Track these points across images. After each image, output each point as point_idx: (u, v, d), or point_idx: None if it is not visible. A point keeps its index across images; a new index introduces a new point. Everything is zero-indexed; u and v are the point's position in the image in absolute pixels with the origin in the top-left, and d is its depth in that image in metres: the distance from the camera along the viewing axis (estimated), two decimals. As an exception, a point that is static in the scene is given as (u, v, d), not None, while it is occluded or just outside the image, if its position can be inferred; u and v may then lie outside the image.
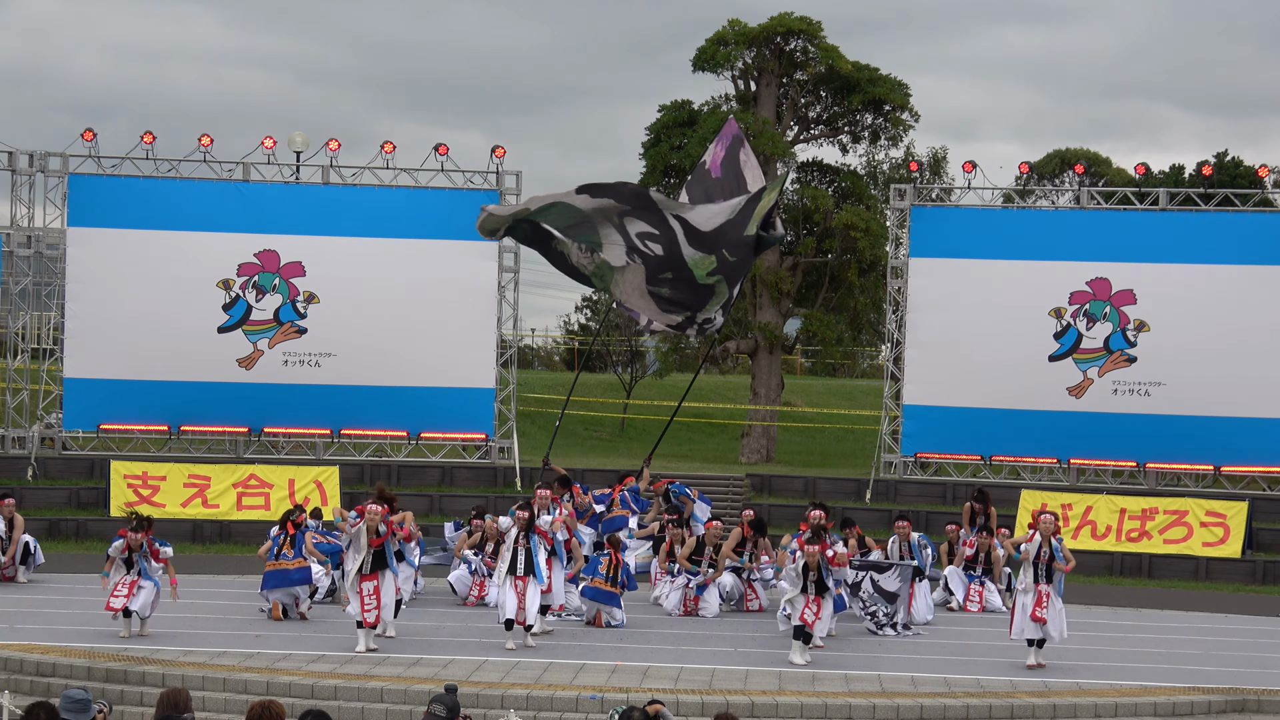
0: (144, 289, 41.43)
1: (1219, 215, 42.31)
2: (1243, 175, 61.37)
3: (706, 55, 50.12)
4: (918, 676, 24.83)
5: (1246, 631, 31.41)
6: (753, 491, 43.12)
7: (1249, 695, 24.30)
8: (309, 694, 22.52)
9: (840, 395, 64.41)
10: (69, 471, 41.45)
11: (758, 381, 51.13)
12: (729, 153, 34.11)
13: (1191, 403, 41.27)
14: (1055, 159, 72.36)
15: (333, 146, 42.37)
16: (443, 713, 14.29)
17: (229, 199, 42.08)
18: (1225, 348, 41.40)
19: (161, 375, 41.45)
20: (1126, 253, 42.11)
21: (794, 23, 49.60)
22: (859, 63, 50.35)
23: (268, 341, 42.04)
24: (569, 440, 50.63)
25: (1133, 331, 42.07)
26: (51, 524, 38.24)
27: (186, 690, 14.81)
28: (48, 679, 23.52)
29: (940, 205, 44.51)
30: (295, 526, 29.27)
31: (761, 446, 50.32)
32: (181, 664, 23.95)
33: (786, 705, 22.57)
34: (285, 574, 28.77)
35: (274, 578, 28.77)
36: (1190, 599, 35.70)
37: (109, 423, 41.70)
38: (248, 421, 41.93)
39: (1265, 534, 40.06)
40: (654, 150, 50.30)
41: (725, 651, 26.65)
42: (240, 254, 41.98)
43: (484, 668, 24.38)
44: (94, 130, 41.46)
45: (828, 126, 52.23)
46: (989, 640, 28.69)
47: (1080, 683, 24.84)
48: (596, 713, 21.73)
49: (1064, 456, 42.17)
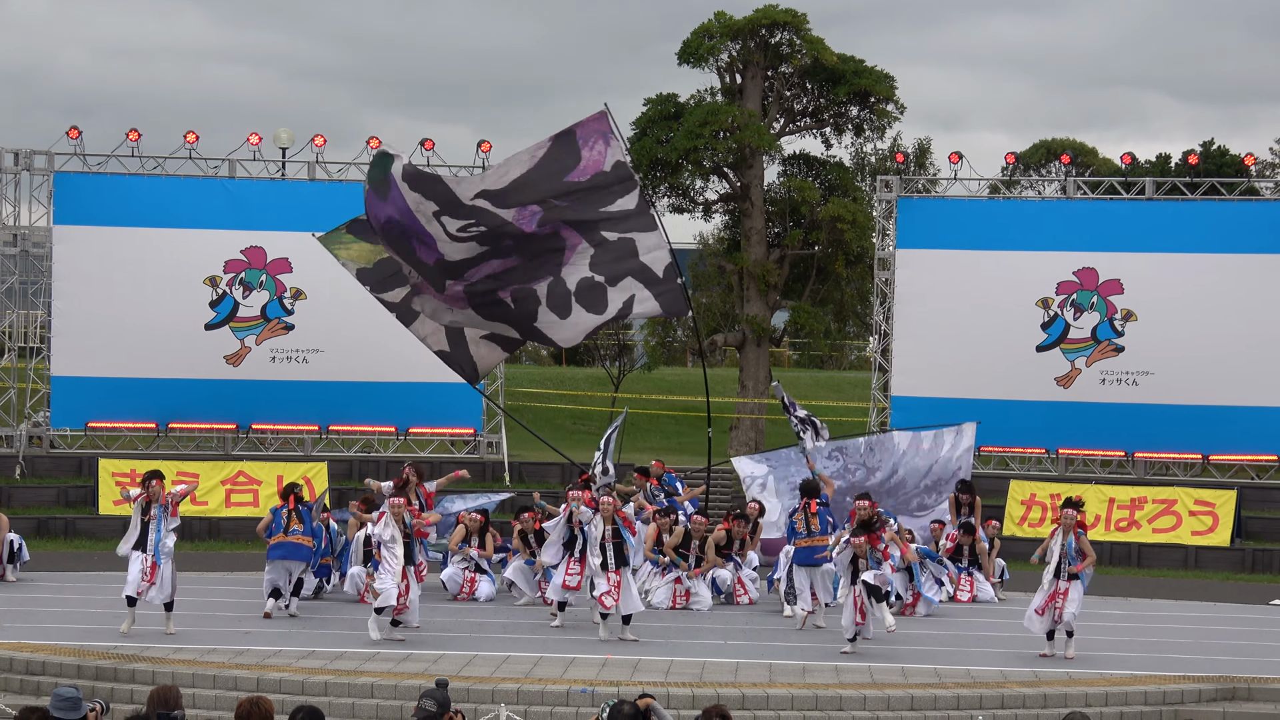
0: (131, 287, 41.37)
1: (1205, 204, 42.36)
2: (1229, 164, 61.36)
3: (692, 48, 50.10)
4: (908, 667, 24.83)
5: (1236, 620, 31.44)
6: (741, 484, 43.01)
7: (1238, 683, 24.33)
8: (299, 690, 22.50)
9: (828, 387, 64.36)
10: (57, 470, 41.41)
11: (745, 374, 51.14)
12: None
13: (1179, 392, 41.32)
14: (1041, 149, 72.38)
15: (318, 142, 42.34)
16: (433, 708, 14.28)
17: (215, 196, 42.02)
18: (1212, 337, 41.45)
19: (149, 373, 41.39)
20: (1113, 242, 42.14)
21: (779, 15, 49.60)
22: (844, 54, 50.34)
23: (255, 338, 41.99)
24: (558, 434, 50.60)
25: (1120, 321, 42.11)
26: (40, 522, 38.20)
27: (177, 688, 14.80)
28: (37, 677, 23.47)
29: (927, 196, 44.55)
30: (299, 501, 29.17)
31: (750, 439, 50.31)
32: (171, 661, 23.93)
33: (777, 697, 22.58)
34: (296, 546, 28.73)
35: (281, 548, 28.70)
36: (1179, 588, 35.75)
37: (97, 421, 41.66)
38: (236, 418, 41.89)
39: (1254, 522, 40.12)
40: (640, 144, 50.28)
41: (715, 644, 26.66)
42: (227, 251, 41.92)
43: (474, 662, 24.37)
44: (79, 128, 41.47)
45: (813, 119, 52.23)
46: (979, 630, 28.72)
47: (1070, 672, 24.86)
48: (587, 707, 21.73)
49: (1052, 447, 42.21)
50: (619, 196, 30.76)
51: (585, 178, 30.41)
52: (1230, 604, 33.57)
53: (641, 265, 31.04)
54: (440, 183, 30.36)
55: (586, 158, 30.48)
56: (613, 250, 30.92)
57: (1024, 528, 39.17)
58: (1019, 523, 39.50)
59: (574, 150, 30.41)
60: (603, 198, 30.68)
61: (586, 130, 30.57)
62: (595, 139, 30.49)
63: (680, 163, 49.68)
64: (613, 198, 30.74)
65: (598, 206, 30.70)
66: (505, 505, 37.94)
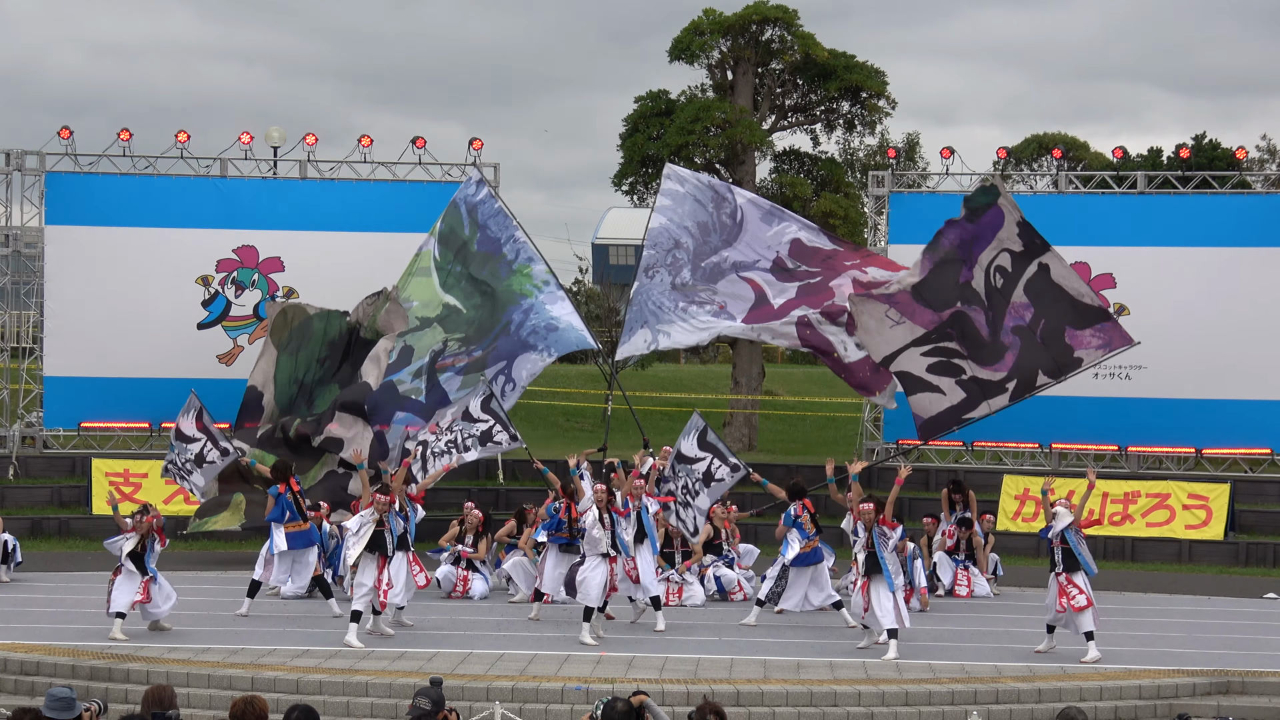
0: (123, 286, 41.35)
1: (1197, 198, 42.37)
2: (1220, 157, 61.42)
3: (682, 45, 50.06)
4: (902, 663, 24.86)
5: (1229, 613, 31.48)
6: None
7: (1232, 677, 24.36)
8: (294, 689, 22.51)
9: (821, 383, 64.34)
10: (50, 470, 41.38)
11: (739, 370, 51.13)
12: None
13: (1172, 385, 41.29)
14: (1033, 144, 72.49)
15: (310, 141, 42.32)
16: (427, 706, 14.30)
17: (207, 195, 41.99)
18: (1205, 330, 41.46)
19: (142, 373, 41.34)
20: (1105, 236, 42.14)
21: (770, 11, 49.57)
22: (835, 50, 50.32)
23: (248, 337, 41.95)
24: (551, 431, 50.65)
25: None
26: (34, 523, 38.19)
27: (171, 687, 14.83)
28: (32, 678, 23.48)
29: (918, 192, 44.55)
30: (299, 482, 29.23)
31: (743, 435, 50.31)
32: (166, 661, 23.94)
33: (771, 694, 22.60)
34: (308, 534, 28.83)
35: (298, 538, 28.76)
36: (1173, 581, 35.78)
37: (90, 421, 41.63)
38: (229, 418, 41.76)
39: (1247, 516, 40.13)
40: (630, 140, 50.24)
41: (710, 641, 26.67)
42: (219, 250, 41.91)
43: (469, 660, 24.38)
44: (70, 128, 41.40)
45: (804, 115, 52.21)
46: (974, 626, 28.75)
47: (1065, 666, 24.90)
48: (582, 704, 21.74)
49: (1045, 441, 42.20)
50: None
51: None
52: (1224, 597, 33.59)
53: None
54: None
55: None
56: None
57: (1018, 523, 39.16)
58: (1013, 518, 39.48)
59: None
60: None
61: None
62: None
63: (672, 159, 49.63)
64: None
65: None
66: (502, 502, 38.04)
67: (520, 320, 35.23)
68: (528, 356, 34.99)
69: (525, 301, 35.52)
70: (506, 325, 35.20)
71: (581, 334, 35.61)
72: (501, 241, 36.36)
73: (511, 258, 36.05)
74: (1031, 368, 33.05)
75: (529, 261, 36.16)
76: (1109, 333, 33.25)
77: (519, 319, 35.24)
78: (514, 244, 36.23)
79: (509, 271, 36.07)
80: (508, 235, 36.43)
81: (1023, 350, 32.99)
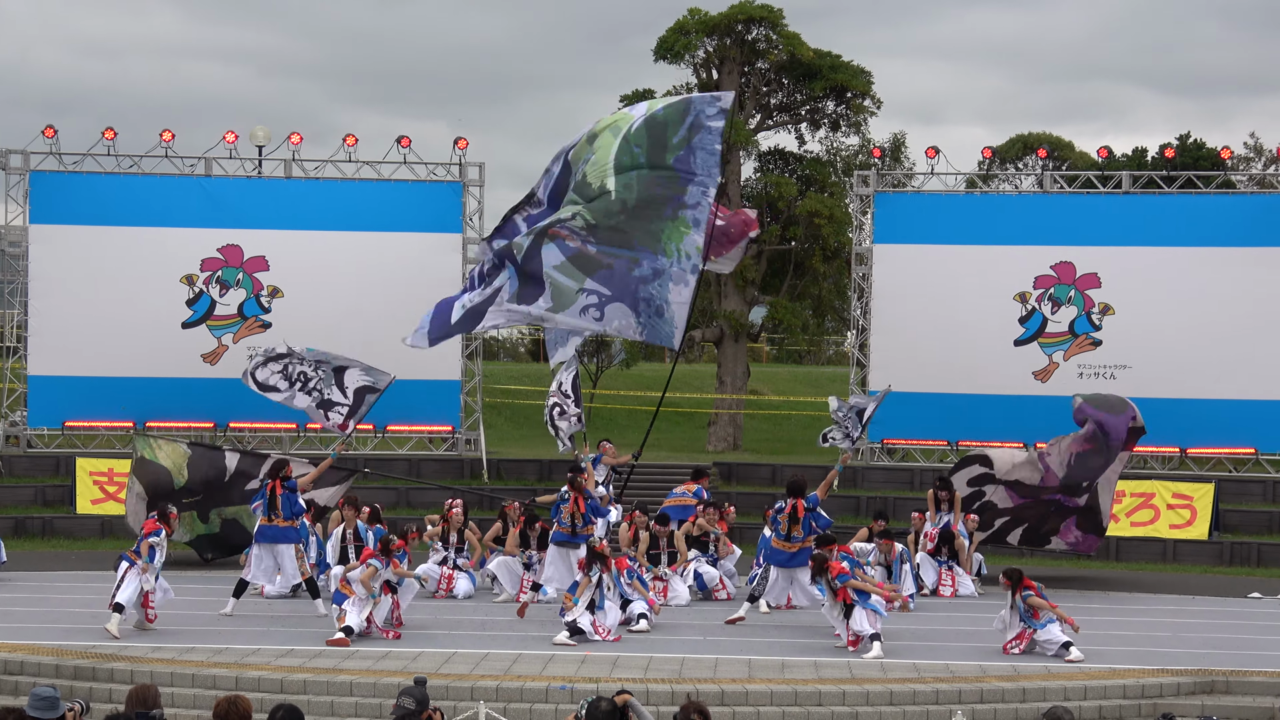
0: (107, 286, 41.34)
1: (1182, 198, 42.47)
2: (1205, 157, 61.52)
3: (668, 44, 50.07)
4: (887, 663, 24.84)
5: (1214, 613, 31.49)
6: (720, 480, 43.09)
7: (1217, 676, 24.36)
8: (278, 688, 22.46)
9: (806, 382, 64.43)
10: (35, 469, 41.34)
11: (724, 370, 51.14)
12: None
13: (1157, 385, 41.31)
14: (1018, 143, 72.48)
15: (295, 140, 42.31)
16: (411, 705, 14.28)
17: (191, 194, 41.99)
18: (1189, 330, 41.56)
19: (126, 372, 41.33)
20: (1090, 236, 42.24)
21: (755, 10, 49.60)
22: (820, 50, 50.36)
23: (232, 336, 41.96)
24: (537, 431, 50.56)
25: (1097, 315, 42.20)
26: (18, 522, 38.14)
27: (155, 687, 14.79)
28: (15, 677, 23.41)
29: (903, 191, 44.60)
30: (283, 483, 28.96)
31: (728, 435, 50.32)
32: (150, 660, 23.88)
33: (756, 693, 22.57)
34: (279, 530, 28.68)
35: (267, 533, 28.68)
36: (1158, 581, 35.81)
37: (74, 420, 41.59)
38: (213, 417, 41.83)
39: (1232, 515, 40.18)
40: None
41: (694, 640, 26.65)
42: (203, 249, 41.90)
43: (453, 660, 24.35)
44: (55, 127, 41.39)
45: (789, 114, 52.23)
46: (958, 625, 28.74)
47: (1049, 666, 24.89)
48: (566, 704, 21.71)
49: (1030, 441, 42.12)
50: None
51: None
52: (1208, 597, 33.61)
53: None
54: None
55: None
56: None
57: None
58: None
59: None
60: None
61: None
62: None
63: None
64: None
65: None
66: (485, 503, 37.97)
67: (648, 275, 29.27)
68: (627, 315, 29.25)
69: (661, 260, 28.43)
70: (635, 261, 29.45)
71: (671, 334, 30.12)
72: (693, 179, 29.79)
73: (690, 203, 29.69)
74: (1039, 516, 34.46)
75: (694, 225, 28.93)
76: (1087, 543, 34.69)
77: (647, 272, 29.30)
78: (699, 193, 29.63)
79: (673, 214, 29.71)
80: (701, 179, 28.63)
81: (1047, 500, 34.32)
